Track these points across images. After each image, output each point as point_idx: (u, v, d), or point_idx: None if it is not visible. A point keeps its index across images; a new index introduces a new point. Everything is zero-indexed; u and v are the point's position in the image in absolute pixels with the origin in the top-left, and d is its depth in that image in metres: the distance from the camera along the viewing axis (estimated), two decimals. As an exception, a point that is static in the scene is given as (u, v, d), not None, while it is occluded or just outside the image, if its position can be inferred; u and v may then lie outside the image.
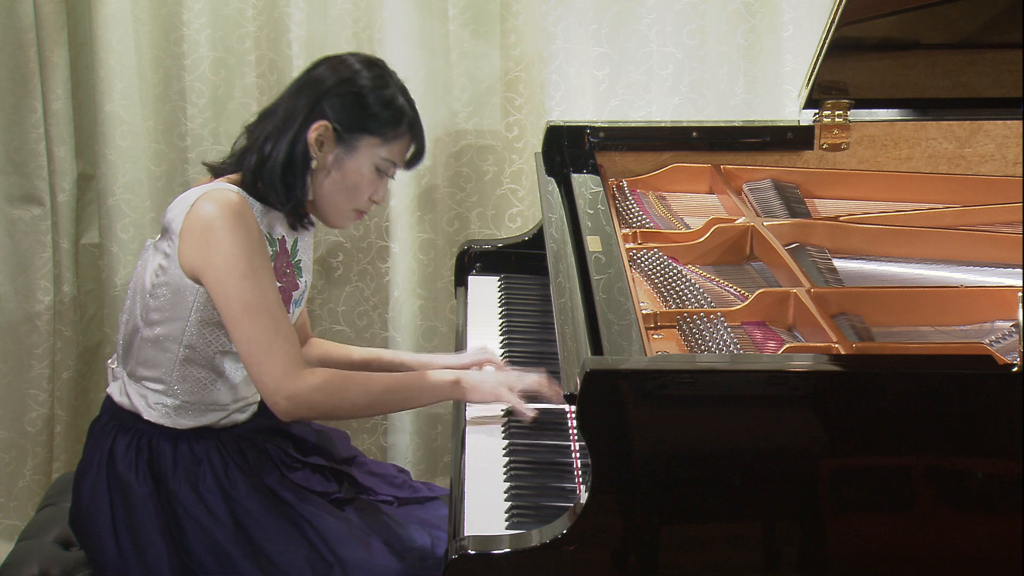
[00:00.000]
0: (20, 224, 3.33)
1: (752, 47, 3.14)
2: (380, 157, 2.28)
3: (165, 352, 2.27)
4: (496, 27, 3.18)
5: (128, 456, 2.28)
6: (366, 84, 2.26)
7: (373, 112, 2.26)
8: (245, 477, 2.28)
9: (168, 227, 2.24)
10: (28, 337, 3.38)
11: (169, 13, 3.20)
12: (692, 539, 1.84)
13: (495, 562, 1.83)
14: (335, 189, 2.29)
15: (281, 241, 2.32)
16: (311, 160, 2.26)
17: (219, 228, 2.17)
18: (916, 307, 2.20)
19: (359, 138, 2.26)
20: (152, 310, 2.26)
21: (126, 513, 2.27)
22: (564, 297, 2.18)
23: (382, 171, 2.30)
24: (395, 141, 2.29)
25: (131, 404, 2.31)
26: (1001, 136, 2.83)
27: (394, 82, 2.30)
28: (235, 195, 2.22)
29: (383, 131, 2.27)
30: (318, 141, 2.25)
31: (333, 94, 2.25)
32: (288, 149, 2.24)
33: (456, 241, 3.27)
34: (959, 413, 1.80)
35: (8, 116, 3.26)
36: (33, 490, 3.43)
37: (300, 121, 2.24)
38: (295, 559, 2.24)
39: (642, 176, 2.84)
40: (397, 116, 2.27)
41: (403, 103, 2.29)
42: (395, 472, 2.52)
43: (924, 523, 1.83)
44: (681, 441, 1.81)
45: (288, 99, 2.29)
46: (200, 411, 2.30)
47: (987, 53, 2.74)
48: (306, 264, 2.40)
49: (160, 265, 2.24)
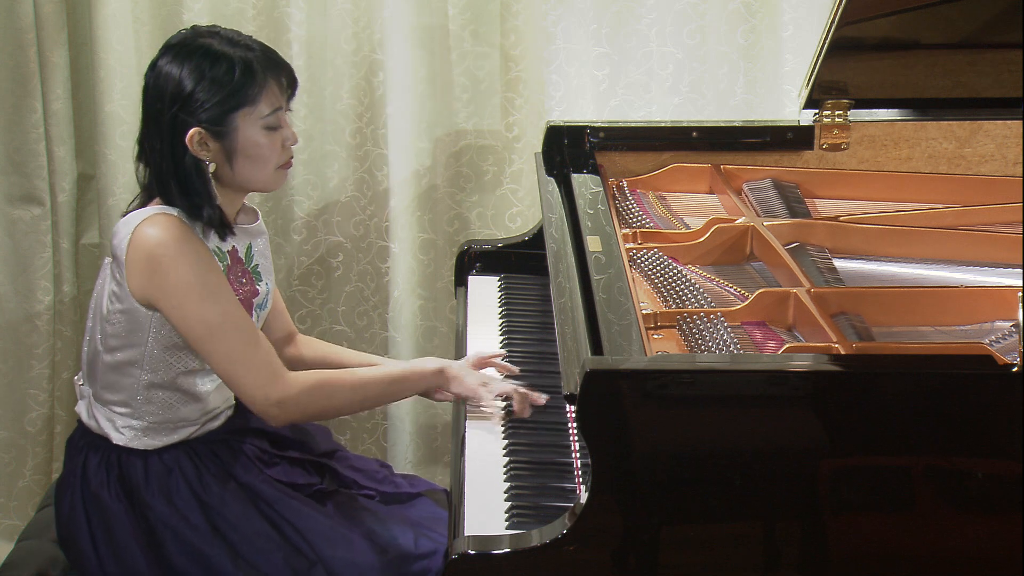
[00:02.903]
0: (20, 224, 3.33)
1: (752, 47, 3.14)
2: (260, 116, 2.18)
3: (127, 377, 2.24)
4: (496, 27, 3.18)
5: (100, 474, 2.26)
6: (201, 68, 2.15)
7: (224, 89, 2.15)
8: (218, 482, 2.26)
9: (115, 254, 2.20)
10: (28, 337, 3.38)
11: (169, 13, 3.20)
12: (692, 539, 1.84)
13: (495, 562, 1.83)
14: (245, 168, 2.21)
15: (232, 252, 2.28)
16: (206, 165, 2.19)
17: (164, 256, 2.13)
18: (916, 307, 2.20)
19: (231, 119, 2.16)
20: (110, 336, 2.23)
21: (104, 529, 2.25)
22: (564, 297, 2.18)
23: (272, 126, 2.20)
24: (263, 94, 2.18)
25: (99, 427, 2.29)
26: (1001, 136, 2.83)
27: (223, 41, 2.18)
28: (173, 218, 2.17)
29: (246, 96, 2.16)
30: (200, 145, 2.17)
31: (181, 99, 2.15)
32: (175, 168, 2.18)
33: (456, 241, 3.27)
34: (959, 413, 1.80)
35: (8, 116, 3.26)
36: (33, 490, 3.43)
37: (171, 140, 2.17)
38: (275, 561, 2.22)
39: (642, 176, 2.84)
40: (247, 74, 2.16)
41: (243, 54, 2.17)
42: (377, 467, 2.50)
43: (924, 523, 1.83)
44: (681, 441, 1.81)
45: (148, 124, 2.21)
46: (169, 430, 2.27)
47: (987, 53, 2.74)
48: (265, 267, 2.35)
49: (113, 291, 2.21)
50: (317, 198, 3.30)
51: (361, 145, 3.25)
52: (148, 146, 2.22)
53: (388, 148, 3.20)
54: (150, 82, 2.20)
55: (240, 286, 2.28)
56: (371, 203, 3.28)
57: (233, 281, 2.26)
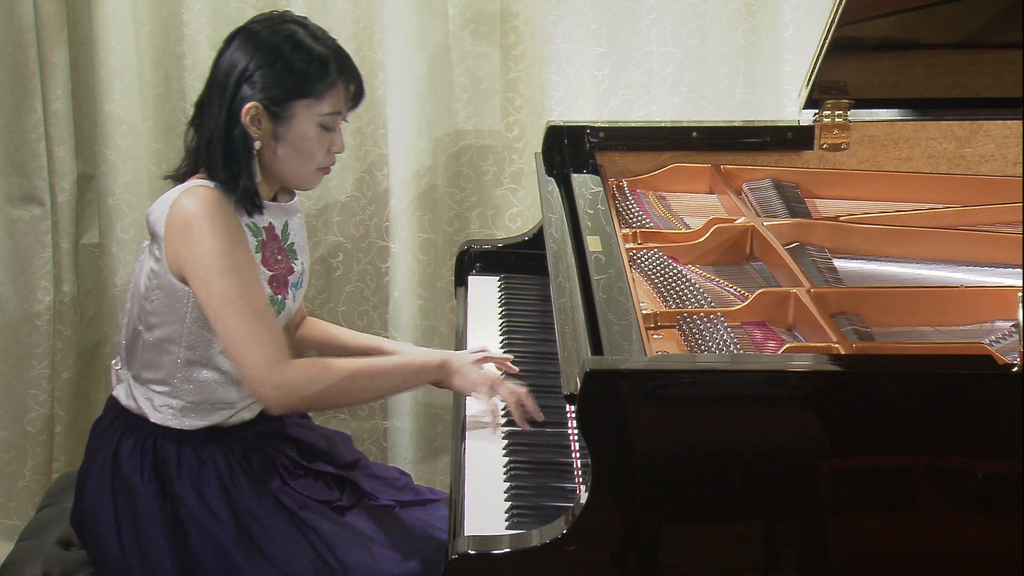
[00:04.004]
0: (20, 224, 3.33)
1: (752, 47, 3.14)
2: (319, 113, 2.22)
3: (167, 354, 2.27)
4: (496, 27, 3.18)
5: (133, 458, 2.28)
6: (280, 49, 2.20)
7: (295, 75, 2.19)
8: (249, 480, 2.27)
9: (153, 231, 2.23)
10: (28, 337, 3.38)
11: (169, 13, 3.20)
12: (692, 539, 1.84)
13: (495, 562, 1.83)
14: (288, 158, 2.25)
15: (268, 228, 2.30)
16: (253, 142, 2.22)
17: (198, 224, 2.16)
18: (916, 307, 2.20)
19: (292, 105, 2.21)
20: (149, 313, 2.25)
21: (130, 514, 2.26)
22: (564, 297, 2.18)
23: (328, 126, 2.24)
24: (329, 93, 2.22)
25: (138, 407, 2.30)
26: (1001, 136, 2.83)
27: (307, 34, 2.23)
28: (211, 190, 2.20)
29: (313, 89, 2.21)
30: (254, 121, 2.21)
31: (251, 72, 2.19)
32: (225, 137, 2.21)
33: (456, 241, 3.27)
34: (959, 413, 1.80)
35: (8, 116, 3.26)
36: (33, 490, 3.43)
37: (228, 108, 2.20)
38: (298, 563, 2.23)
39: (642, 176, 2.84)
40: (321, 69, 2.21)
41: (323, 51, 2.22)
42: (397, 475, 2.52)
43: (924, 523, 1.83)
44: (681, 441, 1.81)
45: (212, 88, 2.24)
46: (207, 411, 2.29)
47: (987, 53, 2.74)
48: (300, 246, 2.38)
49: (152, 268, 2.24)
50: (317, 198, 3.31)
51: (361, 145, 3.25)
52: (206, 110, 2.25)
53: (388, 148, 3.20)
54: (227, 48, 2.24)
55: (276, 263, 2.31)
56: (371, 203, 3.28)
57: (269, 258, 2.29)
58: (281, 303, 2.31)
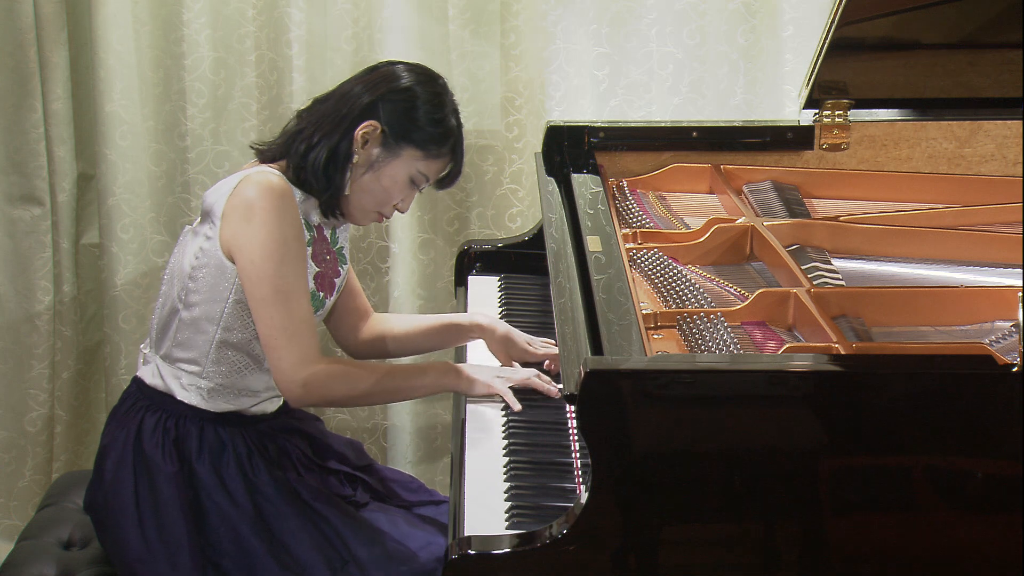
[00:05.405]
0: (20, 224, 3.33)
1: (752, 47, 3.14)
2: (417, 169, 2.33)
3: (202, 333, 2.30)
4: (496, 27, 3.18)
5: (156, 435, 2.31)
6: (424, 97, 2.31)
7: (423, 126, 2.30)
8: (267, 467, 2.31)
9: (210, 211, 2.27)
10: (28, 337, 3.38)
11: (169, 13, 3.20)
12: (692, 539, 1.85)
13: (495, 562, 1.83)
14: (367, 188, 2.33)
15: (318, 228, 2.37)
16: (353, 155, 2.29)
17: (260, 209, 2.21)
18: (916, 307, 2.20)
19: (403, 147, 2.31)
20: (191, 292, 2.29)
21: (150, 492, 2.29)
22: (564, 297, 2.18)
23: (415, 183, 2.36)
24: (435, 158, 2.34)
25: (165, 385, 2.34)
26: (1001, 136, 2.83)
27: (449, 102, 2.36)
28: (278, 179, 2.26)
29: (427, 146, 2.32)
30: (364, 139, 2.29)
31: (390, 98, 2.30)
32: (336, 141, 2.29)
33: (456, 241, 3.27)
34: (959, 413, 1.80)
35: (8, 116, 3.26)
36: (33, 490, 3.43)
37: (353, 116, 2.29)
38: (311, 551, 2.27)
39: (642, 176, 2.84)
40: (444, 135, 2.33)
41: (453, 125, 2.35)
42: (409, 478, 2.56)
43: (924, 523, 1.83)
44: (681, 441, 1.81)
45: (345, 92, 2.32)
46: (233, 395, 2.33)
47: (987, 53, 2.74)
48: (346, 253, 2.45)
49: (201, 248, 2.28)
50: (317, 198, 3.30)
51: (361, 145, 3.25)
52: (321, 107, 2.32)
53: (388, 148, 3.20)
54: (394, 64, 2.36)
55: (325, 263, 2.37)
56: (371, 203, 3.28)
57: (318, 255, 2.35)
58: (322, 301, 2.36)
